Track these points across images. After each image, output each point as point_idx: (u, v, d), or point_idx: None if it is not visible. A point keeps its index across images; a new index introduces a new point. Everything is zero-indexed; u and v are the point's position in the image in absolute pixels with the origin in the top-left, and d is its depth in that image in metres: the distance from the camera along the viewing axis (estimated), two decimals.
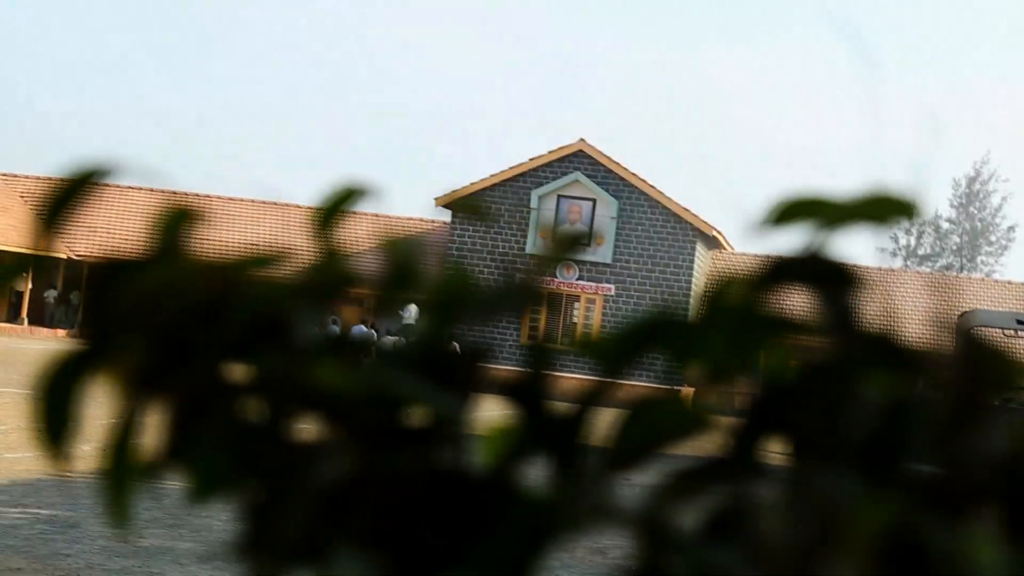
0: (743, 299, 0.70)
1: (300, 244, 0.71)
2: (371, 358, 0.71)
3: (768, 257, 0.72)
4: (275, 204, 49.39)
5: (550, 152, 44.35)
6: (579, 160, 44.10)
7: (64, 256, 45.02)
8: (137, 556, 9.74)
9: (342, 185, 0.80)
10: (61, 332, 43.79)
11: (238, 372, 0.67)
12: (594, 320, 43.59)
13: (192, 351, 0.66)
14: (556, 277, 43.64)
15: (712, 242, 46.16)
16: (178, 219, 0.68)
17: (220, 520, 11.67)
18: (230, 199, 49.74)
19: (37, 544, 9.77)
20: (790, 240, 0.74)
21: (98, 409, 0.74)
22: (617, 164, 43.74)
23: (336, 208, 0.77)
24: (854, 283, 0.69)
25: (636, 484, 0.72)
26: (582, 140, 44.10)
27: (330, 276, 0.70)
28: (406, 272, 0.75)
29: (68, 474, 13.45)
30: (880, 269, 48.99)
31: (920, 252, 72.87)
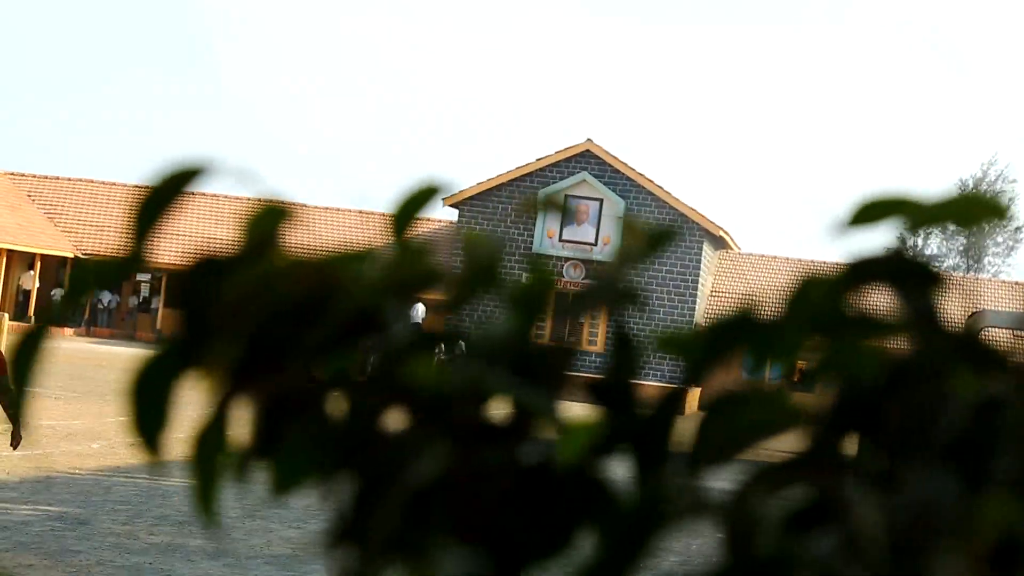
0: (827, 298, 0.70)
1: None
2: (454, 355, 0.71)
3: (852, 256, 0.73)
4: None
5: (557, 152, 44.34)
6: (586, 160, 44.09)
7: (71, 255, 45.06)
8: (147, 553, 9.75)
9: (419, 183, 0.80)
10: (68, 331, 43.81)
11: (330, 368, 0.68)
12: (600, 320, 43.58)
13: (285, 348, 0.66)
14: (563, 276, 43.64)
15: (719, 242, 46.14)
16: (270, 218, 0.69)
17: (230, 517, 11.69)
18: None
19: (48, 541, 9.79)
20: (870, 239, 0.75)
21: (183, 406, 0.75)
22: (624, 164, 43.72)
23: (414, 206, 0.78)
24: (938, 283, 0.69)
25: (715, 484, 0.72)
26: (589, 140, 44.09)
27: (414, 274, 0.71)
28: (486, 270, 0.76)
29: (78, 470, 13.47)
30: None
31: (927, 252, 72.75)
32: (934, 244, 74.03)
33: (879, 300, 0.71)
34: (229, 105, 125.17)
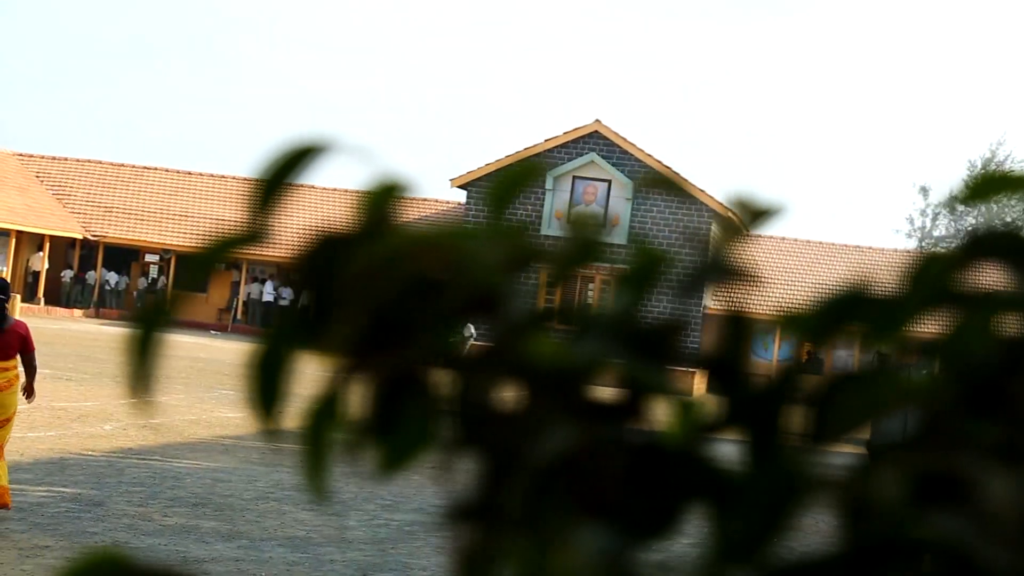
0: (941, 274, 0.70)
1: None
2: (574, 332, 0.70)
3: (964, 232, 0.72)
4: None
5: (565, 133, 44.27)
6: (594, 141, 44.02)
7: (80, 236, 45.09)
8: (162, 534, 9.78)
9: (517, 165, 0.80)
10: (78, 312, 43.88)
11: (448, 346, 0.67)
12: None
13: (405, 325, 0.66)
14: None
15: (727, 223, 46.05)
16: (386, 196, 0.68)
17: (243, 499, 11.72)
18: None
19: (63, 522, 9.82)
20: (978, 215, 0.74)
21: (299, 382, 0.75)
22: (632, 145, 43.66)
23: (515, 185, 0.77)
24: None
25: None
26: (597, 121, 44.02)
27: (524, 251, 0.70)
28: (589, 245, 0.75)
29: (91, 452, 13.50)
30: (895, 251, 48.86)
31: (935, 233, 72.81)
32: (942, 225, 73.99)
33: (992, 277, 0.71)
34: (239, 94, 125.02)
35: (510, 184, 0.77)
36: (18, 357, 10.24)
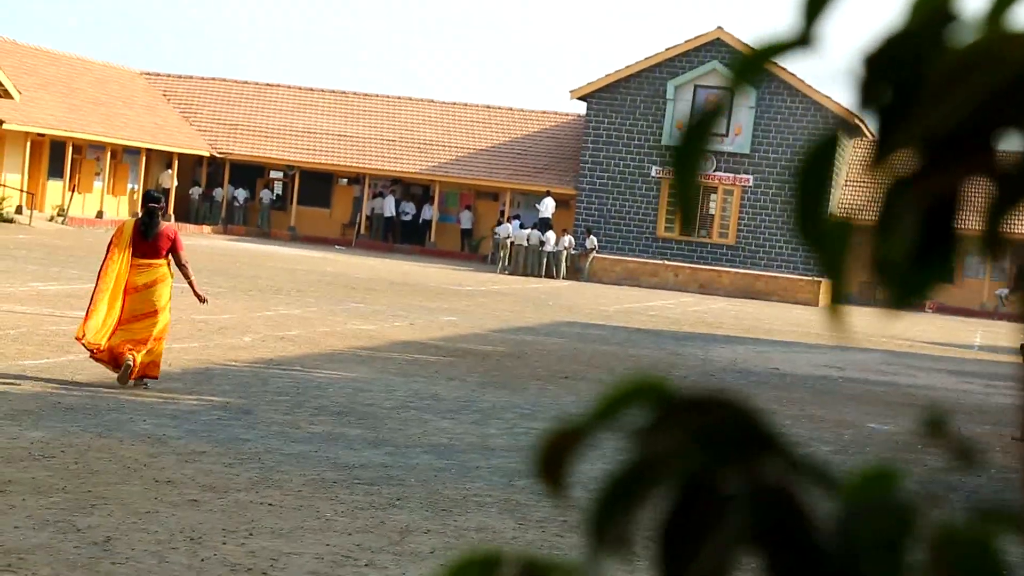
0: None
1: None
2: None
3: None
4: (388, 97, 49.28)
5: (687, 41, 43.54)
6: (716, 48, 43.23)
7: (207, 153, 45.84)
8: (311, 441, 10.04)
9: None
10: (207, 228, 44.75)
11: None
12: (732, 212, 43.12)
13: (988, 129, 0.65)
14: None
15: (854, 130, 45.06)
16: None
17: (384, 408, 11.96)
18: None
19: (216, 429, 10.12)
20: None
21: None
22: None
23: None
24: None
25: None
26: (719, 28, 43.20)
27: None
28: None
29: (234, 363, 13.84)
30: None
31: None
32: None
33: None
34: (360, 6, 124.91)
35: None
36: (169, 257, 12.02)
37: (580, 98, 44.14)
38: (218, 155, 46.18)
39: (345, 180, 47.53)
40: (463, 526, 7.94)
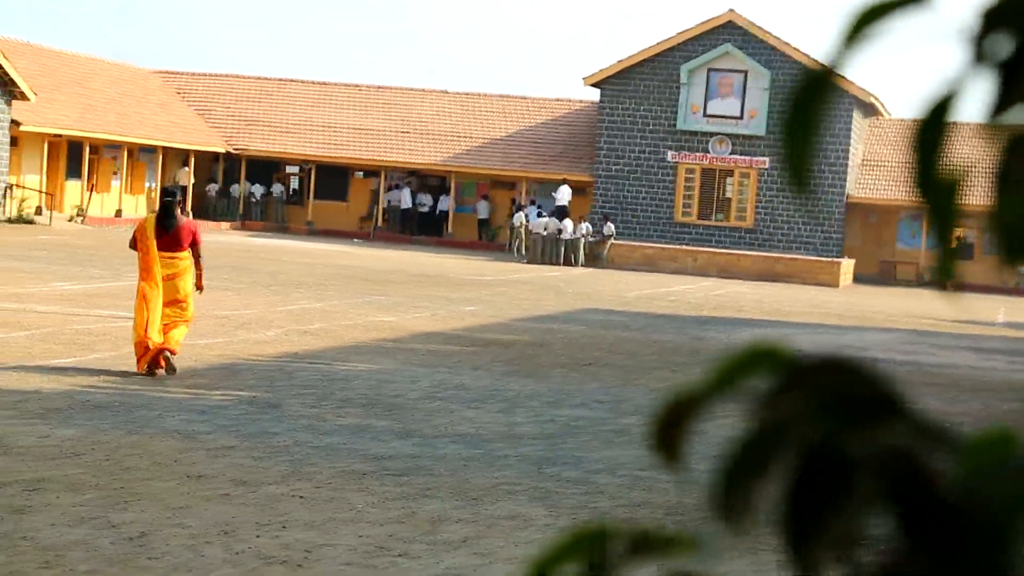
0: None
1: None
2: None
3: None
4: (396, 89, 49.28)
5: (699, 24, 43.43)
6: (729, 31, 43.13)
7: (223, 150, 45.92)
8: (339, 433, 10.05)
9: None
10: (224, 224, 44.85)
11: None
12: (748, 195, 43.02)
13: None
14: (708, 152, 43.05)
15: (869, 109, 44.97)
16: None
17: (410, 399, 11.98)
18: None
19: (245, 423, 10.15)
20: None
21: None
22: (768, 33, 42.68)
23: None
24: None
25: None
26: (731, 11, 43.08)
27: None
28: None
29: (259, 357, 13.87)
30: None
31: None
32: None
33: None
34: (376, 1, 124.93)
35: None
36: (189, 250, 12.59)
37: (594, 85, 44.08)
38: (234, 151, 46.26)
39: (361, 173, 47.57)
40: (494, 514, 7.95)
